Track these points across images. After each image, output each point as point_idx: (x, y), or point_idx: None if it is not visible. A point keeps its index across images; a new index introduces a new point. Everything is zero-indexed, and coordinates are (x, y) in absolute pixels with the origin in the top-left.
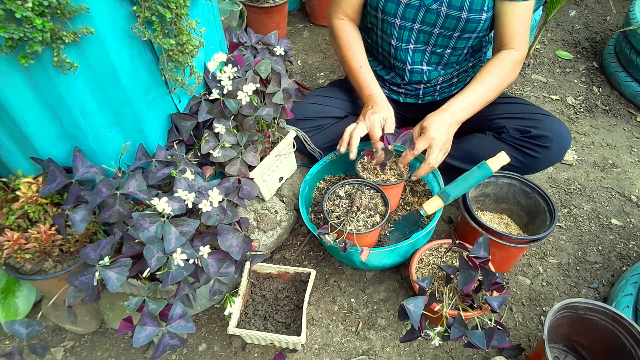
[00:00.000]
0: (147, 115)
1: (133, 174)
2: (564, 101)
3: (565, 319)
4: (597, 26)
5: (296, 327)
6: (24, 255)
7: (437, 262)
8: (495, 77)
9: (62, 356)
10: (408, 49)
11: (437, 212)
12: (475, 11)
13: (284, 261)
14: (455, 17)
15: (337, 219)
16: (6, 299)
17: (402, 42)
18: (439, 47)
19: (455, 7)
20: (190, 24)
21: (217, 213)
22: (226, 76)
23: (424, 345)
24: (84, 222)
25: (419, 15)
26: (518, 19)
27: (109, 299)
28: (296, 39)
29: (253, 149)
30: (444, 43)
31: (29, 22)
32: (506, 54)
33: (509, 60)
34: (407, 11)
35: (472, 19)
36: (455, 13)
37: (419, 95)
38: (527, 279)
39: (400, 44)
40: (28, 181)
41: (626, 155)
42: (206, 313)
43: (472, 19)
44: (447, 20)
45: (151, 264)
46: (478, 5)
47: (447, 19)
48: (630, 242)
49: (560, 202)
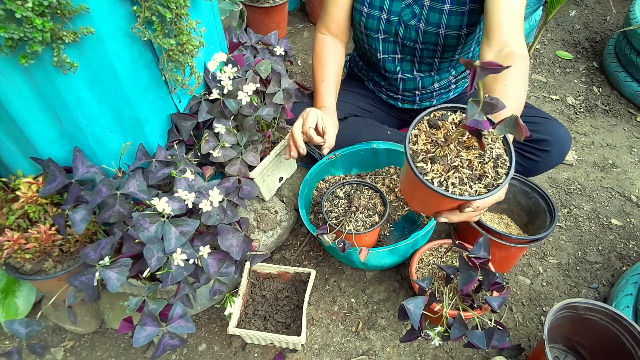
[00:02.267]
0: (147, 115)
1: (133, 174)
2: (564, 101)
3: (565, 319)
4: (597, 26)
5: (296, 327)
6: (24, 255)
7: (437, 262)
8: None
9: (62, 356)
10: (395, 60)
11: None
12: (454, 27)
13: (284, 261)
14: (434, 33)
15: (336, 219)
16: (6, 298)
17: (388, 54)
18: (425, 58)
19: (433, 24)
20: (190, 24)
21: (217, 213)
22: (226, 76)
23: (424, 345)
24: (84, 222)
25: (400, 31)
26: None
27: (109, 299)
28: (296, 39)
29: (253, 149)
30: (429, 55)
31: (29, 22)
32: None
33: (525, 72)
34: (388, 27)
35: (450, 35)
36: (433, 30)
37: (416, 101)
38: (527, 279)
39: (387, 55)
40: (28, 181)
41: (626, 155)
42: (206, 313)
43: (450, 35)
44: (427, 36)
45: (151, 264)
46: (456, 22)
47: (426, 35)
48: (630, 242)
49: (560, 202)
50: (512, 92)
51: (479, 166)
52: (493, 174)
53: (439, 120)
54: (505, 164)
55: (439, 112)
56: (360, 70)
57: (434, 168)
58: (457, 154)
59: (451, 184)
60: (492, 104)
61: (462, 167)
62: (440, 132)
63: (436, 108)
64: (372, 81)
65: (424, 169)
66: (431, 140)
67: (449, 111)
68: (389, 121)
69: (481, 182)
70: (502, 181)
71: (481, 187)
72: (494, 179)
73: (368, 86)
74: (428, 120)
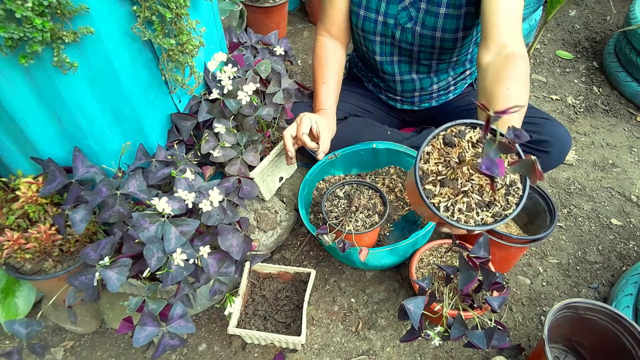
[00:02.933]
0: (147, 115)
1: (133, 173)
2: (564, 101)
3: (565, 319)
4: (597, 26)
5: (296, 327)
6: (24, 255)
7: (437, 262)
8: None
9: (62, 356)
10: (393, 62)
11: None
12: (450, 31)
13: (284, 261)
14: (430, 36)
15: (336, 219)
16: (6, 298)
17: (386, 55)
18: (423, 60)
19: (429, 27)
20: (190, 24)
21: (217, 213)
22: (226, 76)
23: (424, 345)
24: (84, 222)
25: (396, 33)
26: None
27: (109, 299)
28: (296, 39)
29: (253, 149)
30: (426, 57)
31: (29, 22)
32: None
33: (525, 72)
34: (384, 29)
35: (447, 38)
36: (429, 33)
37: (415, 102)
38: (527, 279)
39: (384, 57)
40: (28, 181)
41: (626, 155)
42: (206, 313)
43: (447, 38)
44: (423, 39)
45: (151, 264)
46: (452, 25)
47: (423, 38)
48: (630, 242)
49: (560, 202)
50: (514, 95)
51: (490, 193)
52: (503, 202)
53: (456, 136)
54: (518, 192)
55: (457, 127)
56: (359, 71)
57: (442, 192)
58: (469, 178)
59: (458, 209)
60: (512, 140)
61: (472, 192)
62: (455, 150)
63: (454, 123)
64: (372, 82)
65: (431, 191)
66: (443, 160)
67: (468, 127)
68: (389, 121)
69: (489, 211)
70: (511, 212)
71: (488, 215)
72: (503, 208)
73: (368, 87)
74: (444, 136)
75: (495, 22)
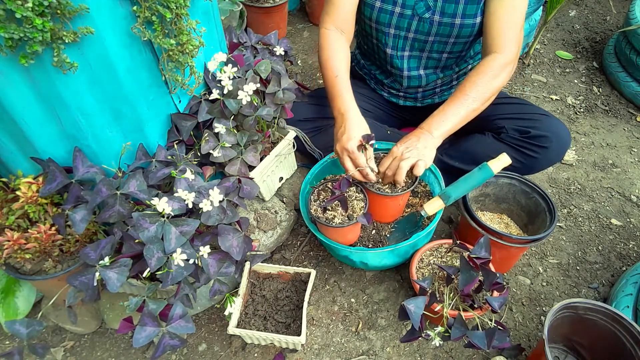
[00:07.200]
0: (147, 115)
1: (133, 173)
2: (564, 101)
3: (565, 319)
4: (597, 26)
5: (296, 327)
6: (24, 255)
7: (437, 262)
8: (474, 87)
9: (62, 356)
10: (403, 56)
11: (437, 212)
12: (470, 16)
13: (284, 261)
14: (449, 24)
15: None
16: (6, 299)
17: (397, 50)
18: (435, 53)
19: (449, 15)
20: (190, 24)
21: (217, 213)
22: (226, 76)
23: (424, 345)
24: (84, 222)
25: (413, 24)
26: (503, 17)
27: (109, 299)
28: (296, 39)
29: (253, 149)
30: (439, 49)
31: (29, 22)
32: (489, 60)
33: (491, 67)
34: (401, 21)
35: (466, 24)
36: (449, 20)
37: (418, 99)
38: (527, 279)
39: (395, 52)
40: (28, 181)
41: (626, 155)
42: (206, 313)
43: (466, 24)
44: (441, 28)
45: (151, 264)
46: (472, 10)
47: (441, 27)
48: (630, 242)
49: (560, 202)
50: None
51: None
52: None
53: None
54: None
55: None
56: (361, 68)
57: None
58: None
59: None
60: None
61: None
62: None
63: None
64: (374, 79)
65: None
66: None
67: None
68: (389, 121)
69: None
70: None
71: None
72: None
73: (369, 84)
74: None
75: (498, 33)
